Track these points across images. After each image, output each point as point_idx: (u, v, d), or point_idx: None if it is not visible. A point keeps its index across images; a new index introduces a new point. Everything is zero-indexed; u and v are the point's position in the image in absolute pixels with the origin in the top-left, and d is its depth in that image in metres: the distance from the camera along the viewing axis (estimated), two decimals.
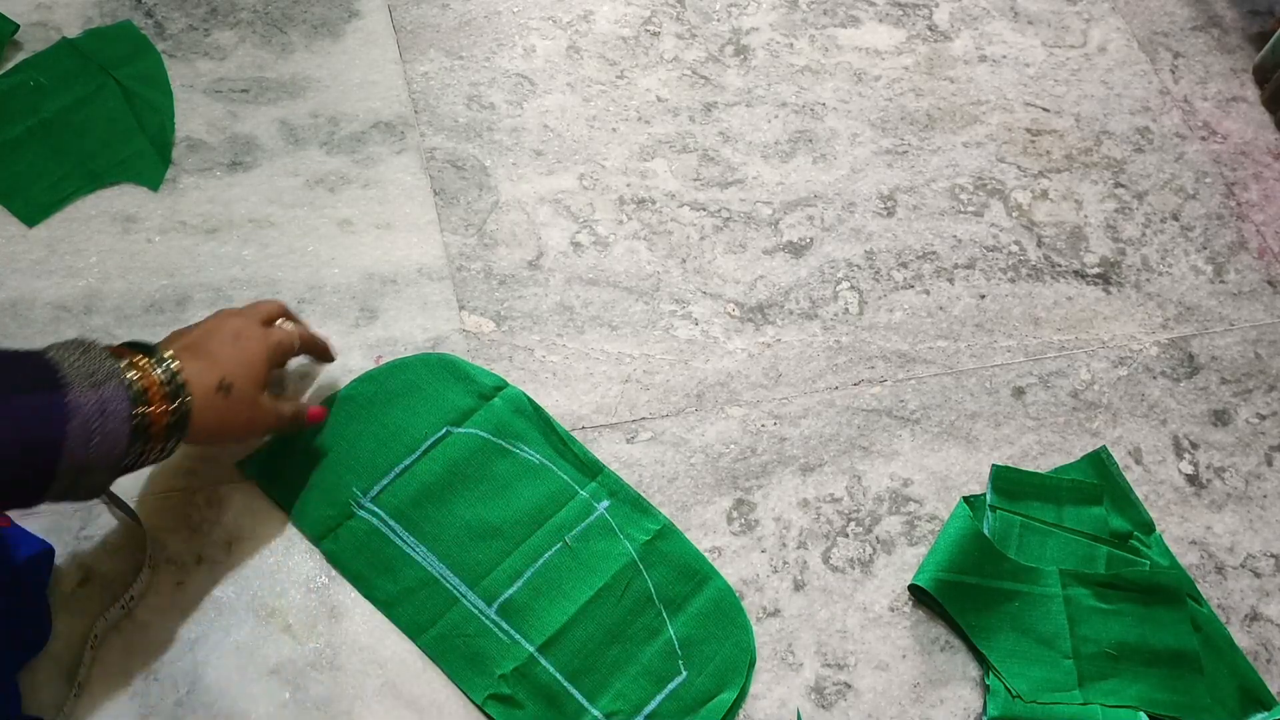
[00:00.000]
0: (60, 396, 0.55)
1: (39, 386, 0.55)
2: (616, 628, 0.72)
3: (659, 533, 0.75)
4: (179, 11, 0.95)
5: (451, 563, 0.72)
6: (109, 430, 0.56)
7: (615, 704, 0.69)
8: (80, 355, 0.58)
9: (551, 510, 0.75)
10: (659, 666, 0.71)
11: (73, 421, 0.55)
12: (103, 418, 0.56)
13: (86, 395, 0.56)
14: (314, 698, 0.68)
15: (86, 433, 0.55)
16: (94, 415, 0.56)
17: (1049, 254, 0.94)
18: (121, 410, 0.57)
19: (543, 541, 0.74)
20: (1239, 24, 1.13)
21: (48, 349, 0.58)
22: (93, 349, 0.59)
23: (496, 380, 0.79)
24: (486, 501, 0.75)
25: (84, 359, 0.57)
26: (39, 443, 0.54)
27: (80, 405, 0.55)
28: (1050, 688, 0.73)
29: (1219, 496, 0.84)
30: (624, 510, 0.76)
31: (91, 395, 0.56)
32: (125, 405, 0.57)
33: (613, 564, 0.74)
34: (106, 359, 0.58)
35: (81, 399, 0.55)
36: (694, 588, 0.74)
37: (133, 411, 0.58)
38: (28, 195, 0.83)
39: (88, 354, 0.58)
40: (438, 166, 0.91)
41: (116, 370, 0.58)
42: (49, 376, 0.56)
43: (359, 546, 0.72)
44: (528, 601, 0.72)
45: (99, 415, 0.56)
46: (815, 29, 1.05)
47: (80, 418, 0.55)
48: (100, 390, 0.56)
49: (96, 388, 0.56)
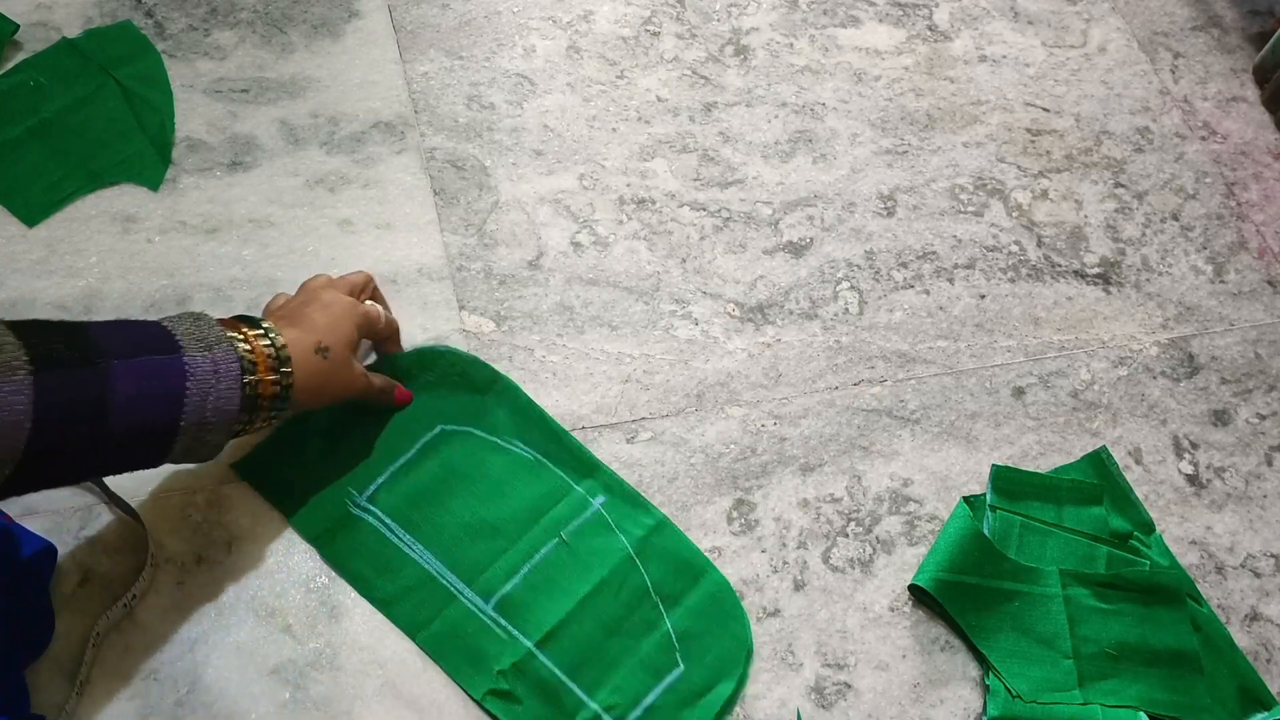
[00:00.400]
0: (179, 357, 0.59)
1: (157, 349, 0.59)
2: (614, 622, 0.72)
3: (655, 528, 0.76)
4: (179, 11, 0.95)
5: (448, 560, 0.73)
6: (223, 390, 0.61)
7: (613, 697, 0.70)
8: (192, 323, 0.62)
9: (547, 506, 0.75)
10: (656, 660, 0.71)
11: (191, 379, 0.59)
12: (216, 377, 0.60)
13: (201, 357, 0.60)
14: (314, 698, 0.68)
15: (203, 391, 0.60)
16: (209, 375, 0.60)
17: (1049, 254, 0.94)
18: (233, 372, 0.61)
19: (539, 538, 0.74)
20: (1239, 24, 1.13)
21: (161, 319, 0.62)
22: (203, 318, 0.63)
23: (492, 372, 0.80)
24: (482, 499, 0.75)
25: (195, 326, 0.62)
26: (163, 399, 0.58)
27: (197, 365, 0.60)
28: (1050, 688, 0.73)
29: (1219, 496, 0.84)
30: (620, 506, 0.76)
31: (205, 357, 0.60)
32: (236, 368, 0.61)
33: (609, 559, 0.74)
34: (215, 327, 0.62)
35: (198, 359, 0.60)
36: (690, 582, 0.74)
37: (244, 379, 0.62)
38: (28, 195, 0.83)
39: (199, 322, 0.62)
40: (438, 166, 0.91)
41: (225, 336, 0.62)
42: (166, 340, 0.60)
43: (356, 546, 0.72)
44: (525, 598, 0.72)
45: (213, 375, 0.60)
46: (815, 29, 1.05)
47: (197, 376, 0.59)
48: (213, 352, 0.61)
49: (209, 349, 0.61)
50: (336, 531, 0.72)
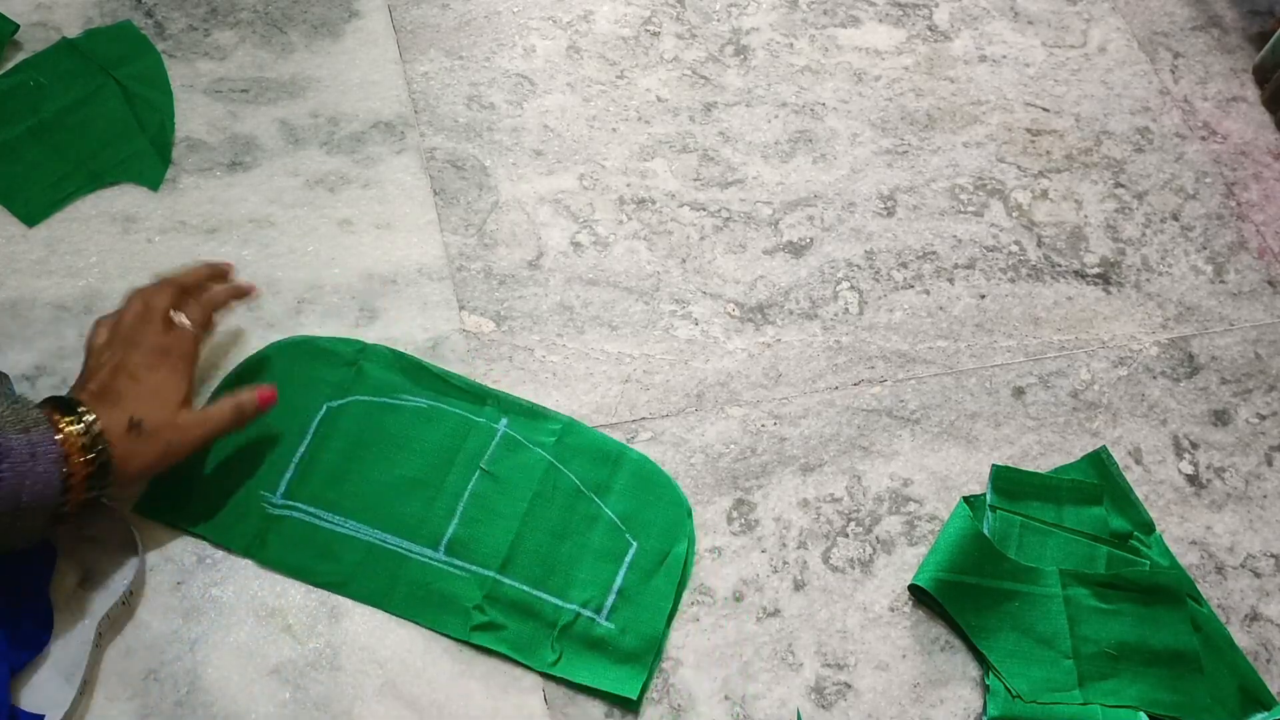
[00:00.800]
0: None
1: None
2: (559, 527, 0.75)
3: (563, 430, 0.78)
4: (179, 11, 0.95)
5: (384, 525, 0.73)
6: (40, 473, 0.59)
7: (586, 593, 0.73)
8: (8, 406, 0.61)
9: (457, 444, 0.77)
10: (610, 546, 0.74)
11: (6, 461, 0.57)
12: (33, 460, 0.59)
13: (17, 439, 0.59)
14: (314, 698, 0.68)
15: (19, 474, 0.58)
16: (25, 457, 0.58)
17: (1049, 254, 0.94)
18: (51, 453, 0.60)
19: (461, 476, 0.75)
20: (1239, 24, 1.13)
21: None
22: (20, 401, 0.62)
23: (356, 344, 0.80)
24: (393, 458, 0.76)
25: (11, 410, 0.60)
26: None
27: (12, 448, 0.58)
28: (1050, 688, 0.73)
29: (1219, 496, 0.84)
30: (524, 422, 0.78)
31: (21, 439, 0.59)
32: (55, 449, 0.60)
33: (533, 473, 0.76)
34: (32, 409, 0.61)
35: (13, 442, 0.58)
36: (612, 468, 0.77)
37: (60, 459, 0.60)
38: (28, 195, 0.83)
39: (15, 405, 0.61)
40: (438, 166, 0.91)
41: (42, 418, 0.61)
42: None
43: (289, 543, 0.72)
44: (470, 534, 0.74)
45: (29, 458, 0.58)
46: (815, 29, 1.05)
47: (12, 459, 0.58)
48: (30, 434, 0.59)
49: (26, 432, 0.59)
50: (264, 536, 0.72)
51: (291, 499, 0.73)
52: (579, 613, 0.72)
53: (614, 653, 0.71)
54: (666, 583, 0.74)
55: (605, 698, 0.70)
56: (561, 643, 0.71)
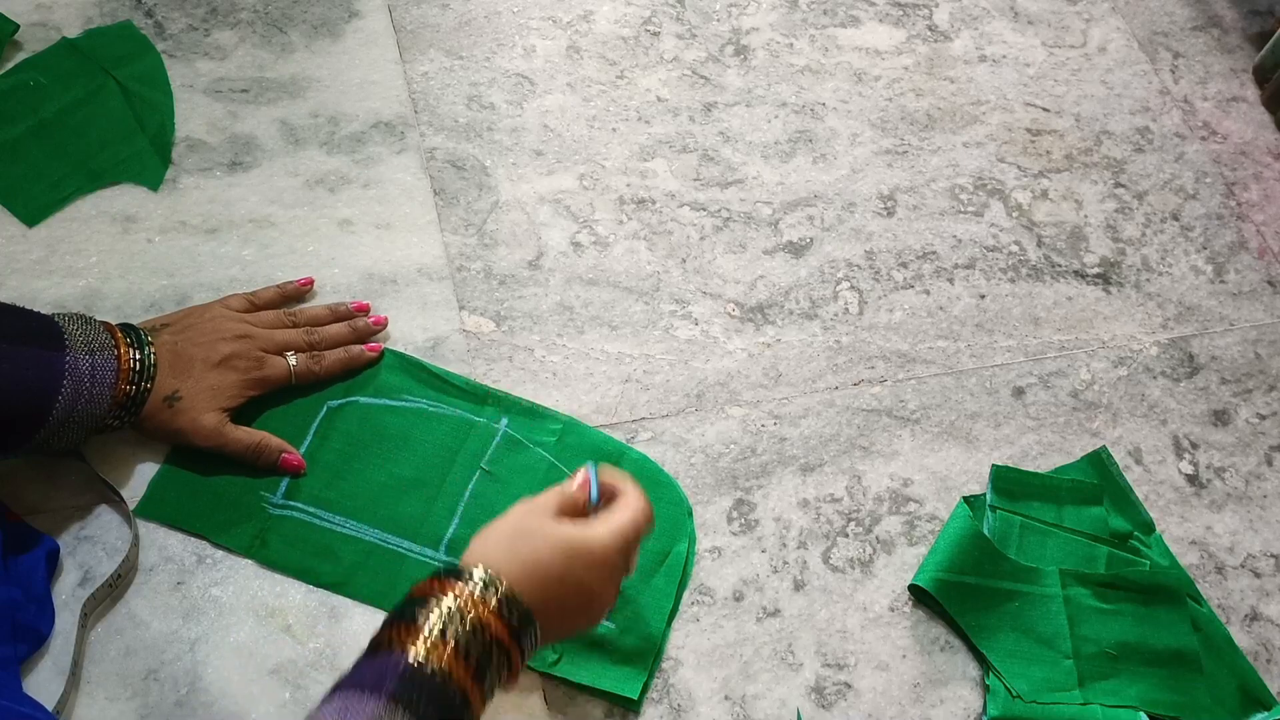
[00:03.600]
0: (61, 356, 0.64)
1: (44, 344, 0.63)
2: None
3: (563, 430, 0.78)
4: (179, 11, 0.95)
5: (385, 525, 0.73)
6: (95, 394, 0.65)
7: None
8: (82, 326, 0.66)
9: (457, 445, 0.77)
10: None
11: (68, 379, 0.63)
12: (92, 381, 0.65)
13: (83, 360, 0.65)
14: (314, 698, 0.68)
15: (77, 392, 0.64)
16: (85, 378, 0.64)
17: (1049, 254, 0.94)
18: (108, 378, 0.66)
19: (461, 476, 0.76)
20: (1239, 24, 1.13)
21: (55, 315, 0.66)
22: (91, 322, 0.67)
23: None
24: (393, 458, 0.76)
25: (84, 329, 0.66)
26: (37, 392, 0.62)
27: (76, 367, 0.64)
28: (1050, 688, 0.73)
29: (1219, 496, 0.84)
30: (524, 421, 0.78)
31: (87, 360, 0.65)
32: (112, 375, 0.66)
33: (534, 472, 0.76)
34: (103, 332, 0.67)
35: (79, 362, 0.64)
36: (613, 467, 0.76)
37: (116, 384, 0.66)
38: (28, 195, 0.83)
39: (89, 325, 0.67)
40: (438, 166, 0.91)
41: (109, 343, 0.67)
42: (54, 336, 0.64)
43: (290, 543, 0.72)
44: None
45: (90, 379, 0.65)
46: (815, 29, 1.05)
47: (74, 378, 0.64)
48: (94, 358, 0.65)
49: (91, 354, 0.65)
50: (264, 536, 0.72)
51: (292, 499, 0.73)
52: None
53: (614, 653, 0.71)
54: (667, 582, 0.74)
55: (605, 698, 0.70)
56: (562, 643, 0.71)
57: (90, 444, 0.72)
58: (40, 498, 0.71)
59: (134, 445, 0.74)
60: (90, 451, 0.72)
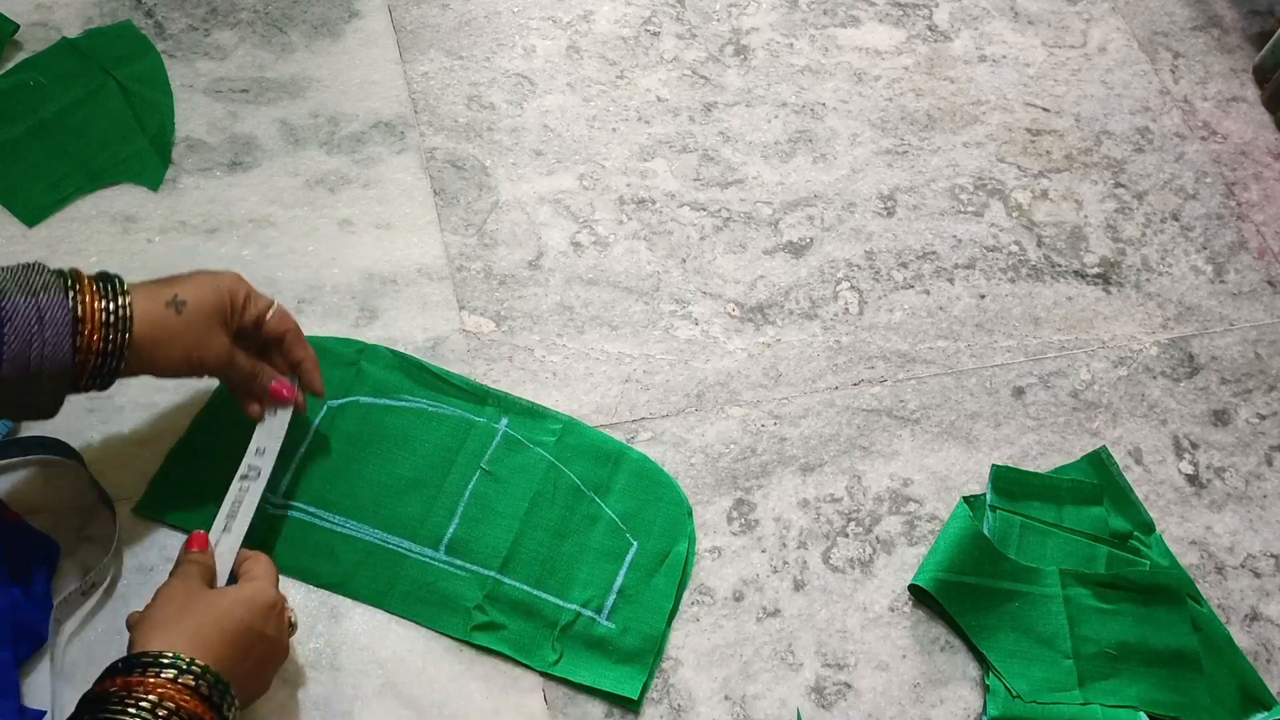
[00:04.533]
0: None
1: None
2: (560, 527, 0.75)
3: (563, 430, 0.78)
4: (179, 11, 0.95)
5: (384, 525, 0.73)
6: (49, 337, 0.58)
7: (586, 592, 0.73)
8: (22, 271, 0.59)
9: (457, 445, 0.77)
10: (611, 546, 0.75)
11: (9, 326, 0.56)
12: (40, 324, 0.57)
13: (22, 301, 0.57)
14: (314, 698, 0.68)
15: (27, 338, 0.57)
16: (31, 320, 0.57)
17: (1049, 254, 0.94)
18: (61, 318, 0.58)
19: (461, 476, 0.76)
20: (1239, 24, 1.13)
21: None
22: (39, 267, 0.60)
23: (356, 344, 0.80)
24: (393, 458, 0.76)
25: (25, 273, 0.59)
26: None
27: (15, 310, 0.57)
28: (1050, 688, 0.73)
29: (1219, 496, 0.84)
30: (524, 421, 0.78)
31: (28, 302, 0.57)
32: (65, 314, 0.58)
33: (534, 473, 0.76)
34: (52, 276, 0.59)
35: (18, 304, 0.57)
36: (613, 467, 0.77)
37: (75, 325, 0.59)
38: (28, 195, 0.83)
39: (30, 270, 0.59)
40: (438, 166, 0.91)
41: (58, 284, 0.59)
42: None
43: (290, 543, 0.72)
44: (470, 534, 0.74)
45: (36, 321, 0.57)
46: (815, 29, 1.05)
47: (16, 323, 0.56)
48: (37, 298, 0.58)
49: (33, 295, 0.58)
50: (265, 537, 0.71)
51: (291, 499, 0.73)
52: (580, 612, 0.72)
53: (615, 653, 0.71)
54: (667, 582, 0.74)
55: (605, 698, 0.70)
56: (562, 643, 0.71)
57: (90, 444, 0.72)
58: (40, 498, 0.71)
59: (134, 445, 0.74)
60: (90, 453, 0.72)
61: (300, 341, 0.71)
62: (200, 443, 0.74)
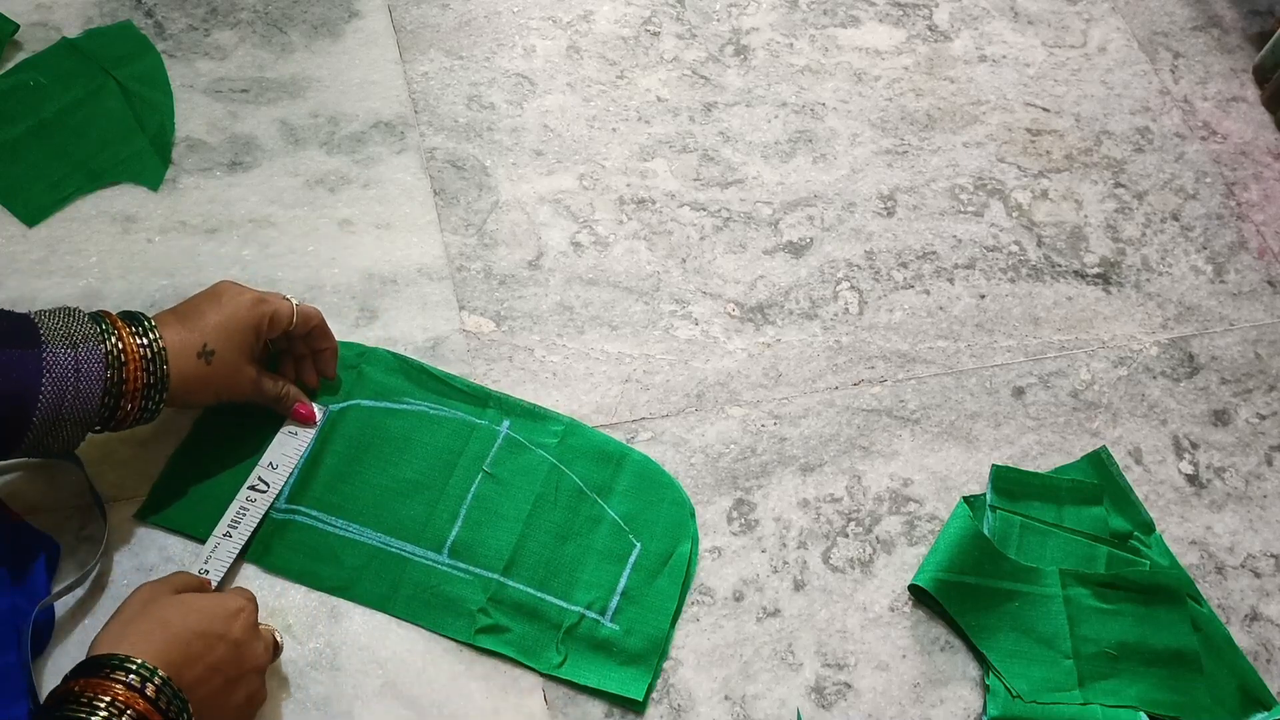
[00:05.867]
0: (37, 352, 0.59)
1: (17, 343, 0.59)
2: (563, 529, 0.75)
3: (565, 432, 0.78)
4: (179, 11, 0.95)
5: (387, 529, 0.73)
6: (82, 389, 0.61)
7: (589, 594, 0.73)
8: (62, 319, 0.62)
9: (459, 448, 0.77)
10: (614, 547, 0.75)
11: (47, 376, 0.59)
12: (77, 376, 0.60)
13: (64, 354, 0.60)
14: (314, 698, 0.68)
15: (60, 388, 0.60)
16: (69, 373, 0.60)
17: (1049, 254, 0.94)
18: (95, 371, 0.61)
19: (463, 479, 0.76)
20: (1239, 24, 1.13)
21: (34, 312, 0.62)
22: (76, 314, 0.63)
23: (357, 348, 0.80)
24: (395, 461, 0.76)
25: (64, 321, 0.62)
26: (15, 393, 0.59)
27: (56, 362, 0.60)
28: (1050, 688, 0.73)
29: (1219, 496, 0.84)
30: (526, 424, 0.78)
31: (68, 354, 0.60)
32: (99, 367, 0.61)
33: (536, 475, 0.76)
34: (87, 323, 0.63)
35: (60, 356, 0.60)
36: (615, 468, 0.77)
37: (107, 374, 0.62)
38: (28, 195, 0.83)
39: (70, 317, 0.62)
40: (438, 166, 0.91)
41: (95, 333, 0.62)
42: (29, 333, 0.60)
43: (293, 547, 0.72)
44: (473, 537, 0.74)
45: (73, 374, 0.60)
46: (815, 29, 1.05)
47: (55, 373, 0.60)
48: (77, 350, 0.61)
49: (73, 347, 0.61)
50: (267, 541, 0.71)
51: (294, 503, 0.73)
52: (583, 614, 0.72)
53: (619, 654, 0.71)
54: (671, 583, 0.74)
55: (605, 698, 0.70)
56: (567, 645, 0.71)
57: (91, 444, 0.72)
58: (40, 498, 0.71)
59: (135, 448, 0.74)
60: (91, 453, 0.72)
61: (323, 333, 0.75)
62: (202, 447, 0.74)
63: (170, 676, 0.55)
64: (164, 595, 0.61)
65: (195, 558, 0.70)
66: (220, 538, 0.69)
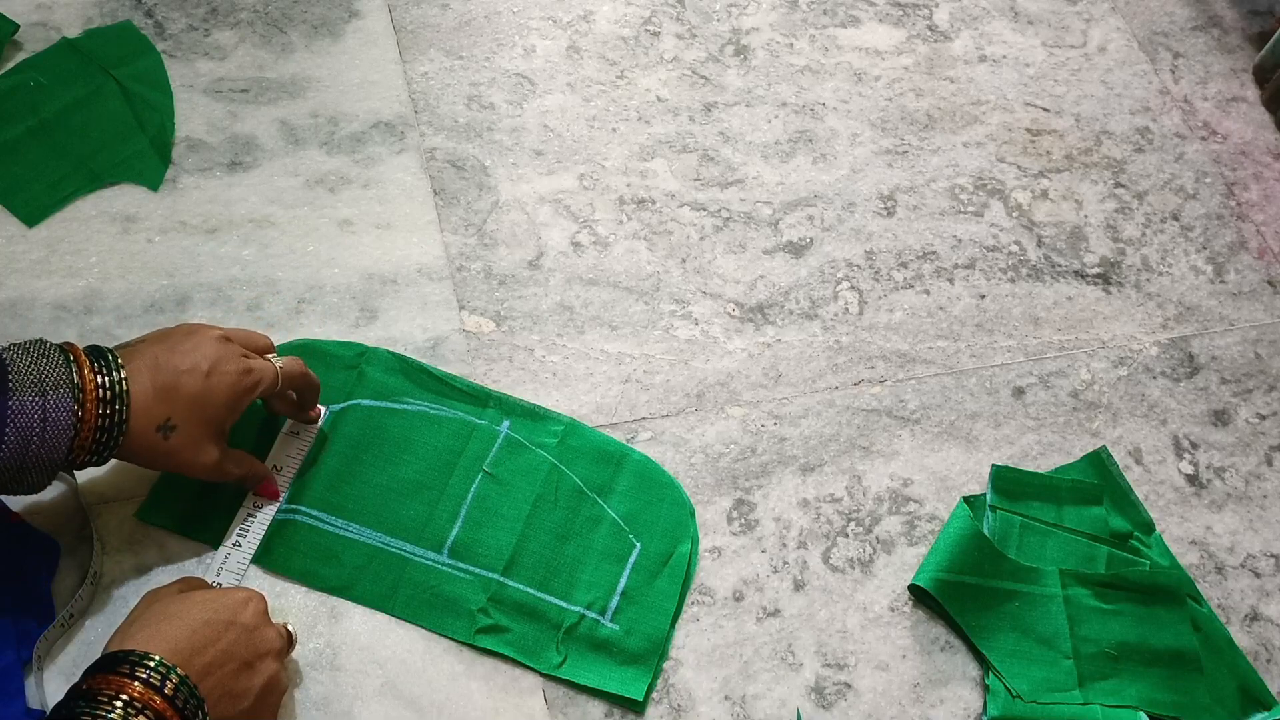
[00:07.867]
0: (3, 400, 0.57)
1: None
2: (563, 529, 0.75)
3: (565, 432, 0.78)
4: (179, 11, 0.95)
5: (387, 529, 0.73)
6: (48, 437, 0.58)
7: (589, 594, 0.73)
8: (35, 359, 0.59)
9: (459, 448, 0.77)
10: (614, 547, 0.75)
11: (11, 426, 0.57)
12: (43, 425, 0.58)
13: (31, 402, 0.58)
14: (314, 698, 0.68)
15: (26, 438, 0.57)
16: (35, 422, 0.58)
17: (1049, 254, 0.94)
18: (64, 419, 0.58)
19: (463, 479, 0.76)
20: (1239, 24, 1.13)
21: (5, 348, 0.59)
22: (48, 355, 0.60)
23: (357, 347, 0.80)
24: (395, 461, 0.76)
25: (37, 364, 0.59)
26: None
27: (23, 410, 0.57)
28: (1050, 688, 0.73)
29: (1219, 496, 0.84)
30: (526, 424, 0.78)
31: (36, 402, 0.58)
32: (68, 415, 0.59)
33: (536, 475, 0.76)
34: (58, 367, 0.59)
35: (27, 404, 0.57)
36: (615, 468, 0.77)
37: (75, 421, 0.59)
38: (28, 195, 0.83)
39: (42, 359, 0.59)
40: (438, 166, 0.91)
41: (64, 380, 0.59)
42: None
43: (293, 547, 0.72)
44: (473, 537, 0.74)
45: (41, 422, 0.58)
46: (815, 29, 1.05)
47: (20, 424, 0.57)
48: (46, 399, 0.58)
49: (43, 395, 0.58)
50: (267, 541, 0.71)
51: (294, 503, 0.73)
52: (584, 615, 0.72)
53: (619, 654, 0.71)
54: (671, 583, 0.74)
55: (605, 698, 0.70)
56: (567, 645, 0.71)
57: None
58: (40, 498, 0.71)
59: None
60: None
61: (306, 381, 0.72)
62: None
63: (179, 665, 0.55)
64: (170, 595, 0.61)
65: (204, 568, 0.70)
66: (230, 547, 0.70)
